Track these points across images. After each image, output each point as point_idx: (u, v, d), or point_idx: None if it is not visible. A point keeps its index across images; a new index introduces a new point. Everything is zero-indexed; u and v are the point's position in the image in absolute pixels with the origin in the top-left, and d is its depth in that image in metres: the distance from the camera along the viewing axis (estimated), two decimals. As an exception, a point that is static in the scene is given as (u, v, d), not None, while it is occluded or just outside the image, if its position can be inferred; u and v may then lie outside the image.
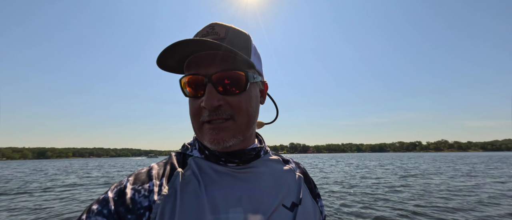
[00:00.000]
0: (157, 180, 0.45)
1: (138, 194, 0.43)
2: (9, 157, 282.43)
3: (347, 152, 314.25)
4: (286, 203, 0.48)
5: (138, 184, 0.44)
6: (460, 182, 11.37)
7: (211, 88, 0.45)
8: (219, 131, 0.45)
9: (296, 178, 0.55)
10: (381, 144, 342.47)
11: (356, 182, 12.06)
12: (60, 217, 6.44)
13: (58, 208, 7.45)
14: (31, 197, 9.63)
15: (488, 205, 6.71)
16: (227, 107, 0.46)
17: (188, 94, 0.48)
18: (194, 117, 0.48)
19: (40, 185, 13.70)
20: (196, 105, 0.47)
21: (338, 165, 26.40)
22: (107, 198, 0.42)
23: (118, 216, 0.40)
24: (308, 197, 0.54)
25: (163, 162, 0.51)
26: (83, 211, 0.42)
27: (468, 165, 22.98)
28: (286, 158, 0.62)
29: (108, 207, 0.41)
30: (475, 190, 9.08)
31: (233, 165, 0.50)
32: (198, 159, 0.50)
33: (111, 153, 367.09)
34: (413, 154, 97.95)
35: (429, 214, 5.91)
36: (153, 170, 0.48)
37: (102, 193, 0.44)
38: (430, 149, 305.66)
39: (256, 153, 0.53)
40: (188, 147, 0.55)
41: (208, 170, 0.48)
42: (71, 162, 75.58)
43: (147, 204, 0.41)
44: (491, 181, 11.49)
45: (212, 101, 0.44)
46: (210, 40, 0.41)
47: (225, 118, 0.45)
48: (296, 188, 0.53)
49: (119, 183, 0.45)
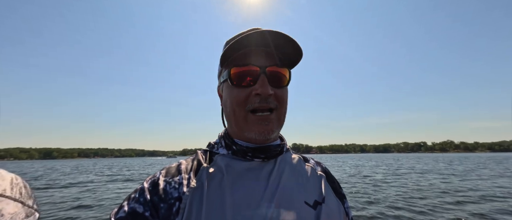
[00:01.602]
0: (185, 174, 0.50)
1: (169, 186, 0.48)
2: (17, 157, 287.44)
3: (351, 152, 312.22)
4: (309, 201, 0.49)
5: (169, 177, 0.50)
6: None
7: (264, 78, 0.50)
8: (268, 122, 0.50)
9: (318, 176, 0.56)
10: (385, 145, 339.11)
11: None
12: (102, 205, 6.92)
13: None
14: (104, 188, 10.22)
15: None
16: (274, 97, 0.51)
17: (239, 84, 0.51)
18: (240, 105, 0.51)
19: (101, 177, 14.23)
20: (245, 93, 0.50)
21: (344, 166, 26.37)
22: (143, 188, 0.48)
23: (153, 204, 0.45)
24: (332, 196, 0.54)
25: (191, 158, 0.56)
26: (124, 199, 0.49)
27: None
28: (306, 157, 0.63)
29: (144, 195, 0.47)
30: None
31: (259, 161, 0.52)
32: (224, 157, 0.53)
33: (115, 153, 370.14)
34: (414, 155, 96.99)
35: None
36: (182, 165, 0.53)
37: (139, 184, 0.51)
38: (435, 149, 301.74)
39: (280, 150, 0.55)
40: (214, 145, 0.58)
41: (234, 166, 0.51)
42: (100, 161, 76.96)
43: (177, 195, 0.46)
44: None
45: (267, 88, 0.49)
46: (285, 35, 0.49)
47: (272, 107, 0.50)
48: (318, 186, 0.54)
49: (153, 176, 0.52)
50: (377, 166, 23.11)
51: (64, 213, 6.55)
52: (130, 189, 11.37)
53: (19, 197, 0.39)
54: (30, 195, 0.42)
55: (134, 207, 0.45)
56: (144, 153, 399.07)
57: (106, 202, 7.98)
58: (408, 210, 6.11)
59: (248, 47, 0.51)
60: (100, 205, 7.45)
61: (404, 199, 7.49)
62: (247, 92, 0.50)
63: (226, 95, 0.54)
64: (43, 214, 6.35)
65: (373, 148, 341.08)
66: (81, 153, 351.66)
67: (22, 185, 0.42)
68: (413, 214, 5.79)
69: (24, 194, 0.40)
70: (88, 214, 6.38)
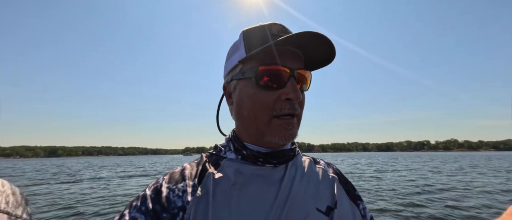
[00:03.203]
0: (190, 181, 0.46)
1: (172, 193, 0.44)
2: (22, 155, 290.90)
3: (353, 151, 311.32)
4: (321, 207, 0.46)
5: (173, 183, 0.46)
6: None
7: (294, 82, 0.45)
8: (292, 127, 0.46)
9: (330, 179, 0.53)
10: (388, 143, 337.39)
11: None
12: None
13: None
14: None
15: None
16: (298, 103, 0.47)
17: (266, 85, 0.46)
18: (265, 109, 0.46)
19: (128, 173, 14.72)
20: (273, 97, 0.46)
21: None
22: (145, 195, 0.44)
23: (155, 214, 0.42)
24: (345, 200, 0.51)
25: (196, 162, 0.52)
26: (126, 206, 0.45)
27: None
28: (316, 158, 0.60)
29: (146, 204, 0.43)
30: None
31: (270, 166, 0.49)
32: (232, 161, 0.49)
33: (118, 151, 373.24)
34: (414, 154, 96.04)
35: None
36: (186, 170, 0.49)
37: (142, 190, 0.47)
38: (439, 148, 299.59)
39: (293, 154, 0.52)
40: (221, 149, 0.54)
41: (243, 172, 0.47)
42: (117, 160, 77.18)
43: (180, 205, 0.43)
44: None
45: (299, 93, 0.45)
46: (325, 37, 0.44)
47: (296, 114, 0.47)
48: (330, 190, 0.50)
49: (156, 181, 0.47)
50: (370, 165, 22.85)
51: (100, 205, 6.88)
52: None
53: (5, 207, 0.34)
54: (19, 203, 0.38)
55: (136, 217, 0.42)
56: (147, 152, 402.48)
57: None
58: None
59: (281, 45, 0.45)
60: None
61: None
62: (276, 96, 0.46)
63: (246, 95, 0.48)
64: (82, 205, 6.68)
65: (376, 146, 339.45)
66: (85, 151, 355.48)
67: (10, 192, 0.37)
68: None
69: (12, 203, 0.36)
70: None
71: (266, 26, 0.49)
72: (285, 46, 0.46)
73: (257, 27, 0.50)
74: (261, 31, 0.49)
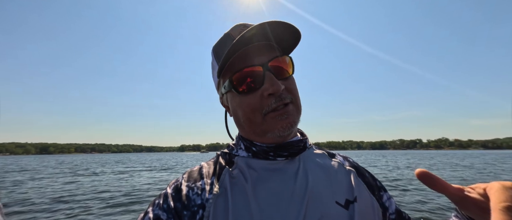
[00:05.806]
0: (208, 179, 0.48)
1: (192, 192, 0.46)
2: (13, 152, 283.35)
3: (348, 149, 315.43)
4: (340, 200, 0.45)
5: (192, 182, 0.48)
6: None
7: (270, 75, 0.45)
8: (288, 115, 0.46)
9: (346, 171, 0.52)
10: (381, 142, 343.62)
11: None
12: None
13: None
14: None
15: None
16: (285, 91, 0.47)
17: (245, 90, 0.46)
18: (255, 112, 0.46)
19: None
20: (256, 98, 0.46)
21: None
22: (166, 194, 0.47)
23: (176, 211, 0.43)
24: (365, 193, 0.49)
25: (212, 160, 0.54)
26: (149, 204, 0.47)
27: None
28: (331, 152, 0.59)
29: (167, 202, 0.45)
30: None
31: (282, 159, 0.49)
32: (245, 158, 0.50)
33: (113, 149, 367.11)
34: (405, 152, 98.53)
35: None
36: (203, 169, 0.51)
37: (163, 189, 0.49)
38: (430, 147, 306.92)
39: (303, 145, 0.51)
40: (233, 147, 0.55)
41: (256, 168, 0.48)
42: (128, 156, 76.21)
43: (200, 202, 0.44)
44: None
45: (278, 85, 0.44)
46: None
47: (288, 102, 0.46)
48: (348, 183, 0.49)
49: (175, 180, 0.50)
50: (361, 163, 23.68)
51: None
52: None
53: None
54: None
55: (158, 214, 0.43)
56: (142, 149, 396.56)
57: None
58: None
59: (245, 46, 0.45)
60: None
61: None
62: (258, 96, 0.46)
63: (235, 105, 0.50)
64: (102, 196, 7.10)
65: (370, 145, 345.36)
66: (78, 148, 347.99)
67: None
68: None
69: None
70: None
71: (228, 33, 0.49)
72: (249, 44, 0.46)
73: (222, 37, 0.50)
74: (225, 40, 0.50)
